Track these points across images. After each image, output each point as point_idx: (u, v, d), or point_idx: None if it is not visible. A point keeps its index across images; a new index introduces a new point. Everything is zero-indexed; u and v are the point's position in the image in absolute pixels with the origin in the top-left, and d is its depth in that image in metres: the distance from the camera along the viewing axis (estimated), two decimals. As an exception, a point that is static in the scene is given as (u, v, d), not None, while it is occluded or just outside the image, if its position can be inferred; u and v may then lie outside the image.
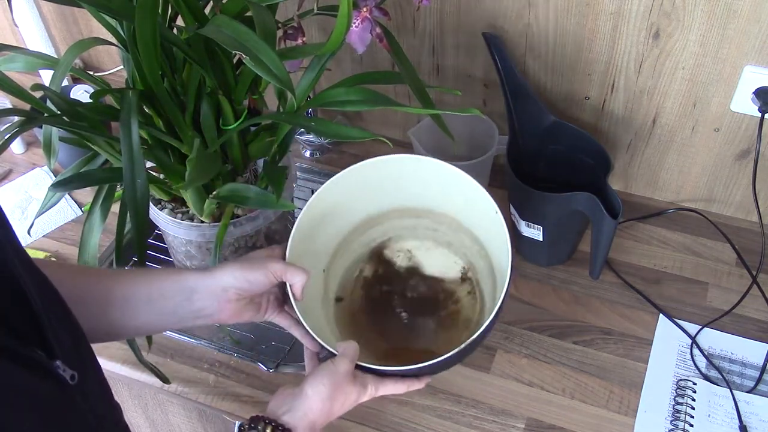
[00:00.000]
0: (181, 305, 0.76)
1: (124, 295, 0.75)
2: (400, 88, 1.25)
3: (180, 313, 0.77)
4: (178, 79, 0.86)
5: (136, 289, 0.76)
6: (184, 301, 0.77)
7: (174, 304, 0.76)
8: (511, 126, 1.09)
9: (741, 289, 1.07)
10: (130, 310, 0.75)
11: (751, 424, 0.92)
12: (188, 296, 0.77)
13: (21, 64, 0.88)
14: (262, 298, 0.83)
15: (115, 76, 1.48)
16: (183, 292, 0.77)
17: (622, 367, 1.00)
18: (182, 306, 0.77)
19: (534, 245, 1.09)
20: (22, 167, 1.34)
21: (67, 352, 0.53)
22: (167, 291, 0.76)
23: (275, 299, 0.85)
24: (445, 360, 0.78)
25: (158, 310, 0.76)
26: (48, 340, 0.51)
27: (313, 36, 1.22)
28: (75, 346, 0.56)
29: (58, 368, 0.51)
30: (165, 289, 0.76)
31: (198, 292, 0.77)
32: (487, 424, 0.95)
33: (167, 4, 0.85)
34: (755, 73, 0.99)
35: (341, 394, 0.76)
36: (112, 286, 0.75)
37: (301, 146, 1.33)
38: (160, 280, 0.77)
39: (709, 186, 1.17)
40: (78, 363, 0.54)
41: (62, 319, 0.57)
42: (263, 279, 0.79)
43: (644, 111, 1.11)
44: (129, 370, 1.02)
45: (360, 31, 0.82)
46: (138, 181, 0.77)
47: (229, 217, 0.92)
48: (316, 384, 0.76)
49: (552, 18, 1.06)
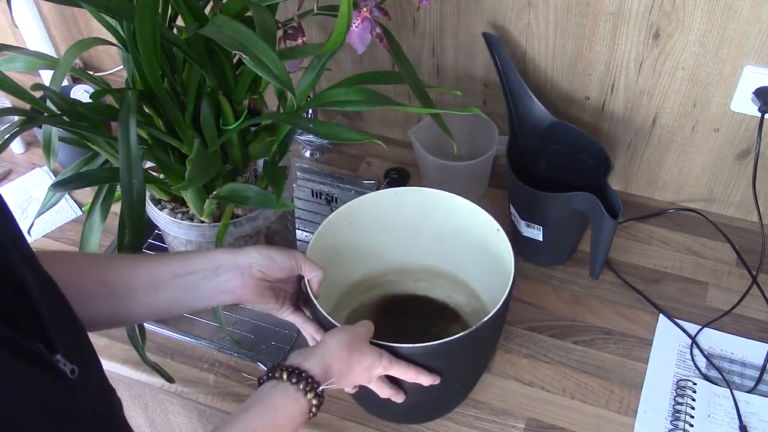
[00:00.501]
0: (206, 278, 0.78)
1: (151, 272, 0.77)
2: (400, 88, 1.25)
3: (205, 287, 0.78)
4: (178, 79, 0.86)
5: (163, 267, 0.77)
6: (210, 274, 0.78)
7: (200, 278, 0.78)
8: (511, 126, 1.09)
9: (741, 289, 1.07)
10: (155, 286, 0.76)
11: (751, 424, 0.92)
12: (215, 269, 0.78)
13: (21, 64, 0.88)
14: (282, 288, 0.84)
15: (115, 76, 1.48)
16: (210, 266, 0.78)
17: (622, 367, 1.00)
18: (208, 279, 0.78)
19: (534, 245, 1.09)
20: (22, 167, 1.34)
21: (68, 347, 0.54)
22: (194, 266, 0.78)
23: (292, 296, 0.86)
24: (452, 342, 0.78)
25: (183, 284, 0.77)
26: (48, 333, 0.52)
27: (313, 36, 1.22)
28: (75, 341, 0.57)
29: (58, 362, 0.51)
30: (192, 265, 0.78)
31: (224, 266, 0.79)
32: (487, 424, 0.95)
33: (167, 4, 0.85)
34: (755, 73, 0.99)
35: (358, 350, 0.78)
36: (137, 265, 0.77)
37: (301, 146, 1.33)
38: (187, 257, 0.79)
39: (709, 186, 1.17)
40: (78, 358, 0.54)
41: (63, 315, 0.57)
42: (286, 262, 0.81)
43: (644, 111, 1.11)
44: (129, 370, 1.02)
45: (360, 31, 0.82)
46: (135, 181, 0.77)
47: (229, 217, 0.92)
48: (336, 333, 0.78)
49: (552, 18, 1.06)
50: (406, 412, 0.92)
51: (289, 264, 0.81)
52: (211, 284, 0.78)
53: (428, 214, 0.96)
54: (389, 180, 1.26)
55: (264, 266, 0.80)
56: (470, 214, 0.93)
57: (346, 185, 1.28)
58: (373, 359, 0.79)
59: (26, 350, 0.49)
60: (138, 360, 0.92)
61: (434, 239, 0.99)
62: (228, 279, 0.79)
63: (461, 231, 0.95)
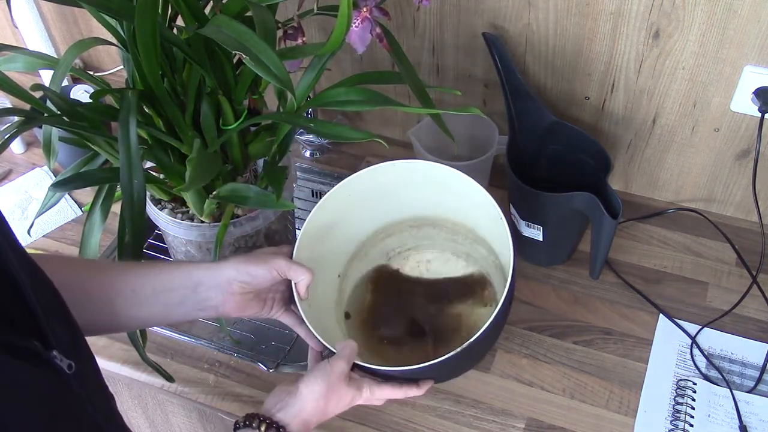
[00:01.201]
0: (186, 297, 0.78)
1: (131, 287, 0.76)
2: (400, 88, 1.25)
3: (186, 304, 0.78)
4: (178, 79, 0.86)
5: (143, 282, 0.77)
6: (189, 293, 0.78)
7: (180, 295, 0.78)
8: (511, 126, 1.09)
9: (741, 289, 1.07)
10: (137, 302, 0.76)
11: (751, 424, 0.92)
12: (194, 288, 0.78)
13: (21, 64, 0.88)
14: (268, 295, 0.84)
15: (115, 76, 1.48)
16: (189, 284, 0.78)
17: (622, 367, 1.00)
18: (188, 297, 0.78)
19: (534, 245, 1.09)
20: (22, 167, 1.34)
21: (64, 343, 0.54)
22: (174, 283, 0.78)
23: (281, 297, 0.85)
24: (440, 363, 0.77)
25: (164, 301, 0.77)
26: (44, 331, 0.52)
27: (313, 36, 1.22)
28: (71, 338, 0.57)
29: (54, 358, 0.52)
30: (172, 282, 0.78)
31: (203, 284, 0.78)
32: (487, 424, 0.95)
33: (167, 4, 0.85)
34: (755, 73, 0.99)
35: (335, 394, 0.77)
36: (118, 278, 0.76)
37: (301, 146, 1.33)
38: (167, 272, 0.78)
39: (709, 186, 1.17)
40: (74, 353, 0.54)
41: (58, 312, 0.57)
42: (266, 274, 0.80)
43: (644, 111, 1.11)
44: (129, 370, 1.02)
45: (360, 31, 0.82)
46: (135, 181, 0.77)
47: (229, 217, 0.92)
48: (311, 383, 0.76)
49: (552, 18, 1.06)
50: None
51: (270, 276, 0.81)
52: (190, 302, 0.78)
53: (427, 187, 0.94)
54: (389, 180, 1.26)
55: (243, 282, 0.80)
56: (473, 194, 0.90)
57: (346, 185, 1.28)
58: (353, 395, 0.79)
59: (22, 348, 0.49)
60: (138, 360, 0.92)
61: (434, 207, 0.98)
62: (207, 297, 0.78)
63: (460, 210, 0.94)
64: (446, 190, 0.94)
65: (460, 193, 0.92)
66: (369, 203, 0.96)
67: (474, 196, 0.89)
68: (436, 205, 0.98)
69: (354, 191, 0.93)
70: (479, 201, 0.89)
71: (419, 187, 0.95)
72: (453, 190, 0.92)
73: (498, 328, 0.90)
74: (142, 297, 0.76)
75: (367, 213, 0.98)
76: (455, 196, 0.94)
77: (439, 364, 0.78)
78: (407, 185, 0.95)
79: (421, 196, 0.97)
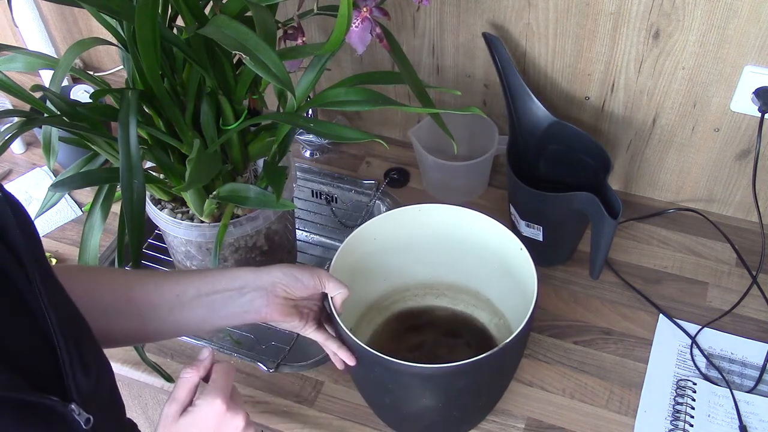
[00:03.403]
0: (231, 298, 0.78)
1: (175, 291, 0.77)
2: (400, 88, 1.25)
3: (230, 306, 0.78)
4: (178, 79, 0.86)
5: (187, 285, 0.77)
6: (234, 294, 0.78)
7: (225, 297, 0.78)
8: (511, 126, 1.09)
9: (741, 289, 1.07)
10: (180, 306, 0.76)
11: (751, 424, 0.92)
12: (239, 289, 0.79)
13: (21, 64, 0.88)
14: (305, 307, 0.84)
15: (115, 76, 1.48)
16: (234, 285, 0.79)
17: (622, 367, 1.00)
18: (232, 299, 0.78)
19: (534, 245, 1.09)
20: (22, 167, 1.34)
21: (85, 394, 0.53)
22: (218, 286, 0.78)
23: (315, 314, 0.85)
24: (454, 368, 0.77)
25: (208, 304, 0.78)
26: (65, 381, 0.51)
27: (313, 36, 1.22)
28: (94, 384, 0.55)
29: (72, 412, 0.51)
30: (216, 285, 0.78)
31: (248, 286, 0.79)
32: (487, 424, 0.94)
33: (167, 4, 0.85)
34: (755, 73, 0.99)
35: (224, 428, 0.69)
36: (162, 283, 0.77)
37: (301, 146, 1.33)
38: (210, 276, 0.79)
39: (709, 186, 1.17)
40: (95, 404, 0.53)
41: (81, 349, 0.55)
42: (310, 280, 0.81)
43: (644, 111, 1.11)
44: (129, 370, 1.02)
45: (360, 31, 0.82)
46: (135, 181, 0.77)
47: (229, 217, 0.92)
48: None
49: (552, 18, 1.06)
50: (425, 427, 0.92)
51: (313, 283, 0.81)
52: (235, 304, 0.78)
53: (451, 230, 0.95)
54: (389, 180, 1.26)
55: (288, 285, 0.80)
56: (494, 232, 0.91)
57: (346, 185, 1.28)
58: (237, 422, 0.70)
59: (34, 406, 0.48)
60: (138, 360, 0.92)
61: (457, 256, 0.98)
62: (252, 299, 0.79)
63: (484, 249, 0.94)
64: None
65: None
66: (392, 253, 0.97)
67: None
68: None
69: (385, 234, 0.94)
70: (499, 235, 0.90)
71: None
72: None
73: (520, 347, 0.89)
74: (185, 300, 0.76)
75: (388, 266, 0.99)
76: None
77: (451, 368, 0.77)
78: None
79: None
